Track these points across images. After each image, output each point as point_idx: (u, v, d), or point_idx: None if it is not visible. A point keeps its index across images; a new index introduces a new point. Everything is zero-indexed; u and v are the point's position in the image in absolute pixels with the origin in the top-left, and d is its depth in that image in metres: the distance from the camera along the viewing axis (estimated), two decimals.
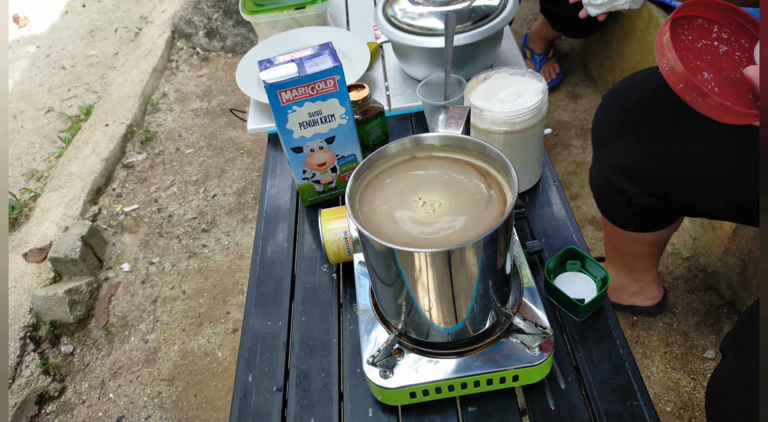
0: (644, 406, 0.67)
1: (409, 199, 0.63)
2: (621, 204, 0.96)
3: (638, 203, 0.91)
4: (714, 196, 0.81)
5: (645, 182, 0.87)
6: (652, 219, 1.00)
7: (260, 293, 0.87)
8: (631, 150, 0.87)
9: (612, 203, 0.98)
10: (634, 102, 0.88)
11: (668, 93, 0.83)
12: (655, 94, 0.85)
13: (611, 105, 0.92)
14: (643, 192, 0.89)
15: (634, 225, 1.03)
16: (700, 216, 0.92)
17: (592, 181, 1.02)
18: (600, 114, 0.94)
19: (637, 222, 1.02)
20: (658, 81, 0.86)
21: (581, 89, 1.97)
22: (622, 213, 0.99)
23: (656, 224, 1.03)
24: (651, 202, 0.89)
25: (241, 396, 0.75)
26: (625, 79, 0.91)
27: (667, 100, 0.83)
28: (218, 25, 2.44)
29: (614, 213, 1.02)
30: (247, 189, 1.84)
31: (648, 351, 1.27)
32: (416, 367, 0.68)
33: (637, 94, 0.88)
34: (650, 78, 0.87)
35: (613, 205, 0.99)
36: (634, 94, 0.88)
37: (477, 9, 1.04)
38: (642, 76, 0.89)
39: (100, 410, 1.36)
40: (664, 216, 1.01)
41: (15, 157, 2.10)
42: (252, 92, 1.17)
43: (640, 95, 0.87)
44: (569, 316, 0.77)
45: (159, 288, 1.59)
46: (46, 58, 2.61)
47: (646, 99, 0.86)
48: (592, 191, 1.04)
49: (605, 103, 0.93)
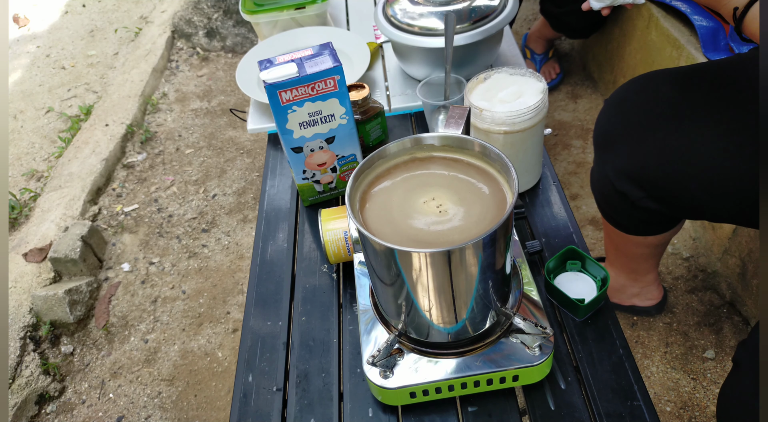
0: (644, 406, 0.67)
1: (409, 199, 0.63)
2: (624, 208, 0.95)
3: (642, 207, 0.91)
4: (718, 198, 0.81)
5: (649, 186, 0.87)
6: (654, 222, 1.00)
7: (260, 293, 0.87)
8: (635, 153, 0.86)
9: (615, 207, 0.98)
10: (636, 106, 0.88)
11: (671, 96, 0.83)
12: (658, 97, 0.85)
13: (613, 109, 0.91)
14: (647, 196, 0.88)
15: (636, 228, 1.03)
16: (703, 219, 0.91)
17: (594, 185, 1.01)
18: (602, 118, 0.93)
19: (639, 226, 1.02)
20: (661, 84, 0.86)
21: (581, 89, 1.97)
22: (625, 217, 0.99)
23: (659, 227, 1.03)
24: (655, 205, 0.89)
25: (241, 396, 0.75)
26: (627, 83, 0.91)
27: (670, 103, 0.83)
28: (218, 25, 2.44)
29: (617, 217, 1.01)
30: (247, 189, 1.84)
31: (648, 351, 1.27)
32: (416, 367, 0.67)
33: (639, 97, 0.88)
34: (652, 81, 0.87)
35: (616, 209, 0.99)
36: (637, 98, 0.88)
37: (477, 9, 1.04)
38: (644, 80, 0.89)
39: (100, 410, 1.36)
40: (667, 220, 1.00)
41: (15, 157, 2.10)
42: (252, 92, 1.17)
43: (642, 99, 0.87)
44: (569, 316, 0.77)
45: (159, 288, 1.59)
46: (46, 58, 2.61)
47: (648, 102, 0.86)
48: (593, 194, 1.03)
49: (607, 107, 0.92)
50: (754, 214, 0.80)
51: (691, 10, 1.34)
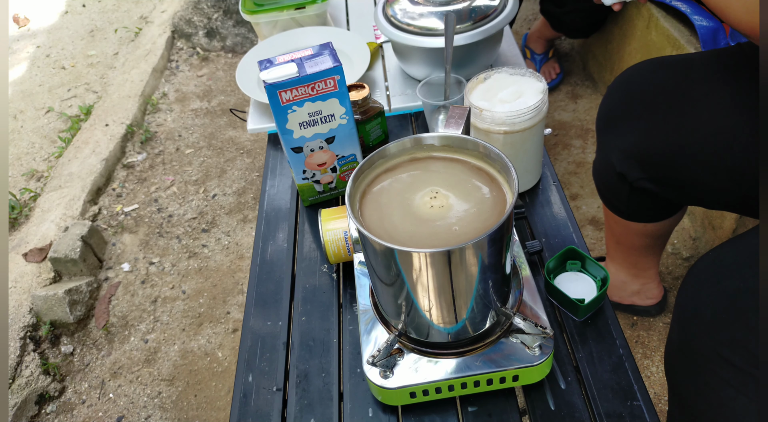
0: (644, 406, 0.67)
1: (410, 198, 0.63)
2: (623, 190, 0.97)
3: (640, 188, 0.92)
4: (716, 178, 0.82)
5: (648, 165, 0.88)
6: (653, 207, 1.01)
7: (260, 293, 0.87)
8: (636, 133, 0.88)
9: (614, 190, 1.00)
10: (638, 88, 0.89)
11: (673, 77, 0.84)
12: (660, 79, 0.86)
13: (617, 92, 0.93)
14: (645, 177, 0.90)
15: (635, 214, 1.04)
16: (700, 204, 0.92)
17: (596, 170, 1.03)
18: (605, 102, 0.95)
19: (638, 211, 1.03)
20: (663, 67, 0.87)
21: (581, 89, 1.97)
22: (624, 201, 1.00)
23: (657, 214, 1.04)
24: (652, 187, 0.90)
25: (241, 396, 0.75)
26: (630, 68, 0.93)
27: (672, 84, 0.84)
28: (218, 25, 2.44)
29: (616, 201, 1.03)
30: (247, 189, 1.84)
31: (648, 351, 1.27)
32: (416, 367, 0.67)
33: (642, 79, 0.89)
34: (654, 65, 0.89)
35: (614, 193, 1.00)
36: (639, 80, 0.89)
37: (477, 9, 1.04)
38: (647, 65, 0.90)
39: (100, 410, 1.36)
40: (665, 206, 1.01)
41: (15, 157, 2.10)
42: (252, 92, 1.17)
43: (644, 81, 0.89)
44: (569, 316, 0.77)
45: (159, 288, 1.59)
46: (46, 58, 2.61)
47: (650, 84, 0.88)
48: (595, 181, 1.05)
49: (610, 91, 0.94)
50: (752, 200, 0.81)
51: (691, 10, 1.34)
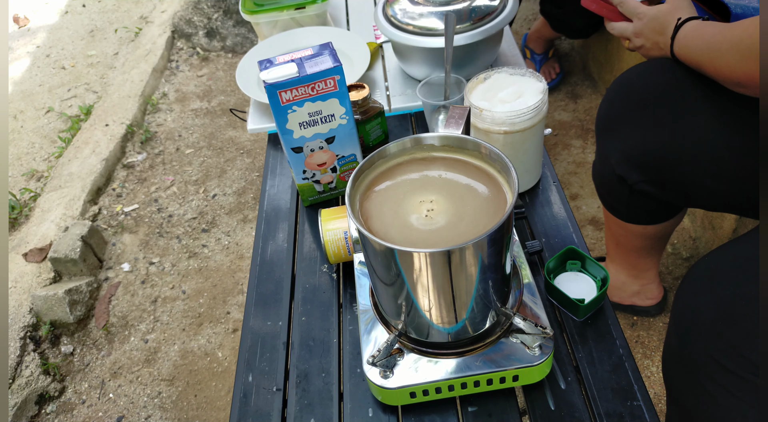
0: (644, 406, 0.67)
1: (409, 198, 0.63)
2: (622, 193, 0.97)
3: (639, 191, 0.92)
4: (716, 181, 0.82)
5: (647, 168, 0.88)
6: (652, 209, 1.01)
7: (260, 293, 0.87)
8: (635, 135, 0.88)
9: (613, 193, 1.00)
10: (638, 90, 0.89)
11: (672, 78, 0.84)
12: (660, 80, 0.86)
13: (615, 95, 0.93)
14: (644, 179, 0.90)
15: (635, 216, 1.04)
16: (699, 206, 0.92)
17: (595, 172, 1.03)
18: (604, 104, 0.95)
19: (638, 213, 1.03)
20: (662, 69, 0.87)
21: (581, 89, 1.97)
22: (624, 203, 1.00)
23: (657, 216, 1.04)
24: (652, 190, 0.90)
25: (241, 396, 0.75)
26: (629, 70, 0.93)
27: (672, 85, 0.84)
28: (218, 25, 2.44)
29: (616, 204, 1.03)
30: (247, 189, 1.84)
31: (648, 351, 1.27)
32: (416, 367, 0.68)
33: (641, 81, 0.89)
34: (653, 67, 0.88)
35: (614, 195, 1.00)
36: (639, 82, 0.89)
37: (477, 9, 1.04)
38: (645, 67, 0.90)
39: (100, 410, 1.36)
40: (665, 208, 1.01)
41: (15, 157, 2.10)
42: (252, 92, 1.17)
43: (644, 83, 0.89)
44: (569, 316, 0.77)
45: (159, 288, 1.59)
46: (46, 58, 2.61)
47: (649, 86, 0.88)
48: (595, 184, 1.05)
49: (609, 93, 0.94)
50: (750, 200, 0.81)
51: None
